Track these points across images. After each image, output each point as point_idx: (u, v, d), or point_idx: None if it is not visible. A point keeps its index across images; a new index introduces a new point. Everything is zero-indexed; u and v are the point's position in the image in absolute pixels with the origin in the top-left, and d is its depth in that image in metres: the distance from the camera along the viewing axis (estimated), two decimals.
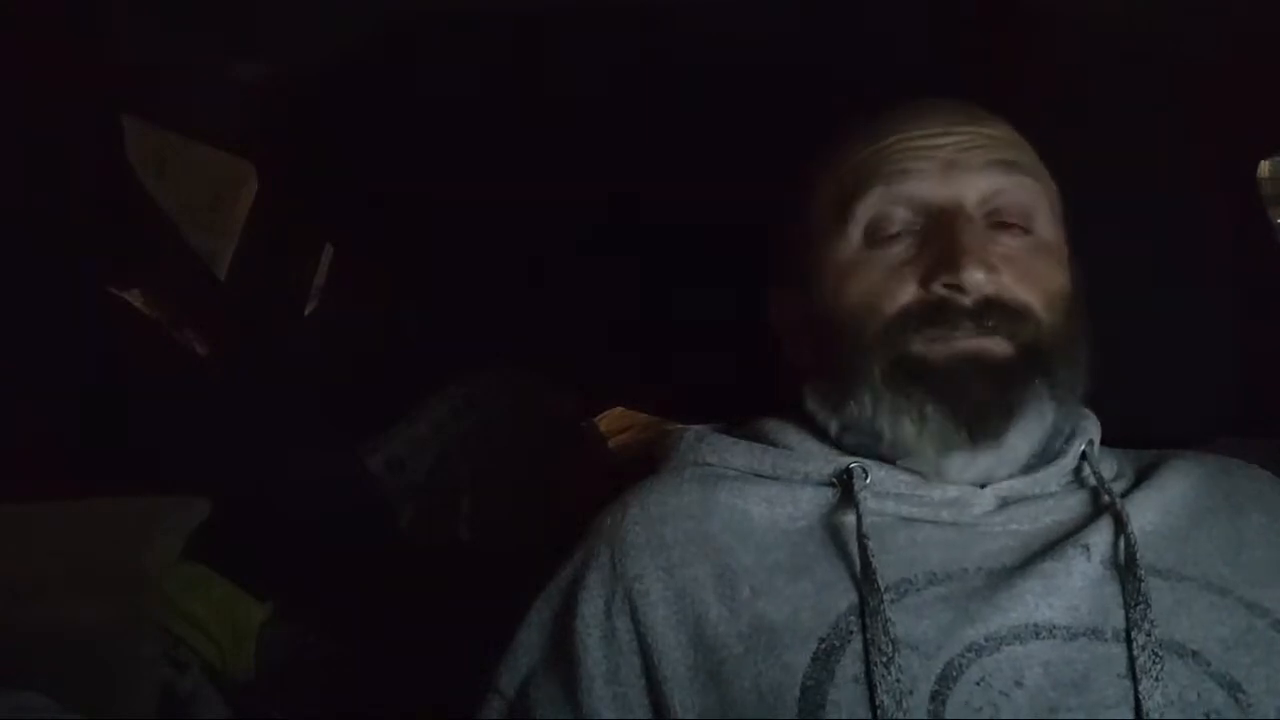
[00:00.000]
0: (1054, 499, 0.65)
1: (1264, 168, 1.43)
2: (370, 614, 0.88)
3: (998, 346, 0.63)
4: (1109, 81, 0.96)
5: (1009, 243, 0.66)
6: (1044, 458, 0.66)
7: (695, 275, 1.06)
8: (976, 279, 0.62)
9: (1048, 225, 0.68)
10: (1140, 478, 0.68)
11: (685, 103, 1.07)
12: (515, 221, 1.23)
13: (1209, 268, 0.81)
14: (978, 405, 0.63)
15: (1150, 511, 0.63)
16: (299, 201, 1.39)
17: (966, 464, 0.64)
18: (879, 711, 0.53)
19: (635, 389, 1.26)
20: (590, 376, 1.27)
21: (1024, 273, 0.65)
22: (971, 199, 0.66)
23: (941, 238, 0.64)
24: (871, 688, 0.54)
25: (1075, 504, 0.65)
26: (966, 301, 0.63)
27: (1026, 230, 0.67)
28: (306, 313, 1.51)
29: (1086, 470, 0.66)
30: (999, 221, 0.66)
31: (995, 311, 0.63)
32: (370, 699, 0.84)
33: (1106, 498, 0.64)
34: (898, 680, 0.54)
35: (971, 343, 0.63)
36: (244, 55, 1.10)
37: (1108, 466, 0.68)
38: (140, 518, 0.77)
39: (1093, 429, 0.69)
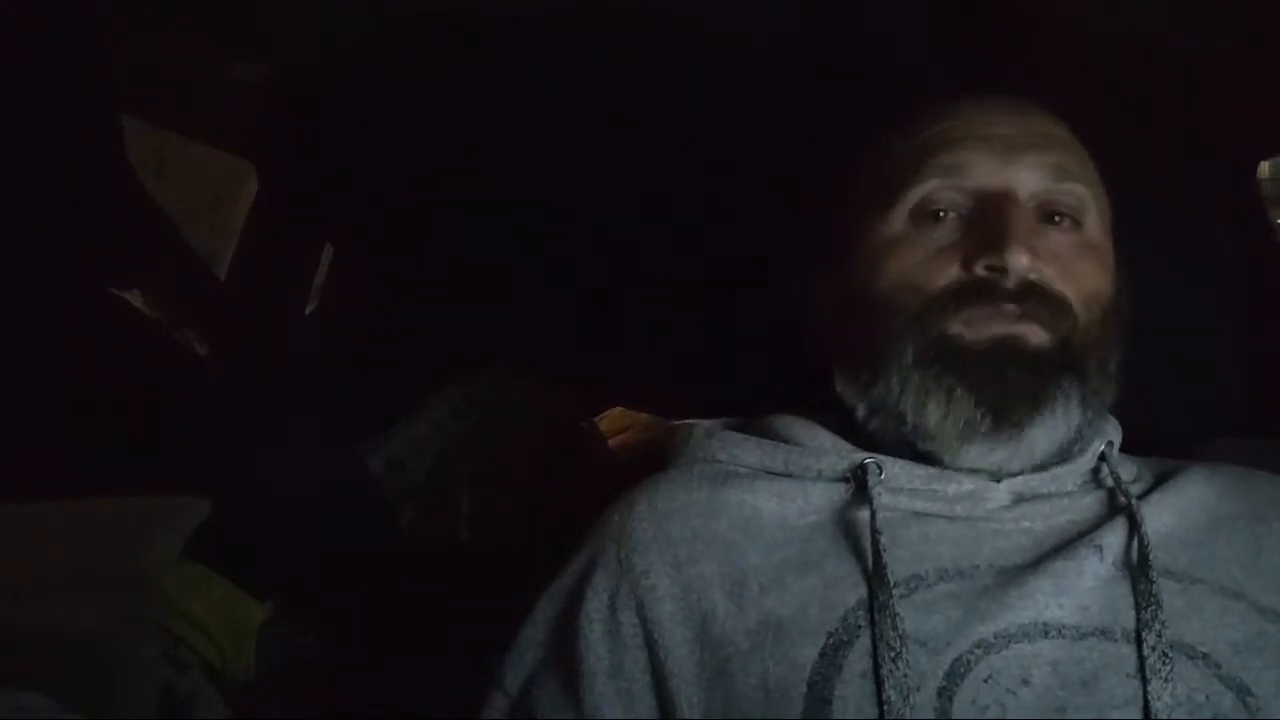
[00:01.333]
0: (1069, 498, 0.65)
1: (1264, 168, 1.43)
2: (370, 614, 0.88)
3: (1035, 335, 0.63)
4: (1109, 81, 0.96)
5: (1056, 238, 0.65)
6: (1061, 457, 0.66)
7: (696, 275, 1.06)
8: (1020, 262, 0.62)
9: (1095, 226, 0.68)
10: (1158, 482, 0.67)
11: (686, 103, 1.07)
12: (516, 221, 1.23)
13: (1209, 268, 0.81)
14: (1005, 391, 0.62)
15: (1167, 514, 0.63)
16: (299, 201, 1.39)
17: (984, 453, 0.64)
18: (886, 708, 0.53)
19: (635, 389, 1.26)
20: (590, 376, 1.27)
21: (1067, 269, 0.64)
22: (1024, 190, 0.66)
23: (989, 220, 0.64)
24: (879, 683, 0.54)
25: (1090, 504, 0.64)
26: (1008, 284, 0.63)
27: (1075, 227, 0.67)
28: (306, 313, 1.51)
29: (1104, 471, 0.66)
30: (1049, 215, 0.66)
31: (1035, 297, 0.63)
32: (370, 699, 0.84)
33: (1122, 498, 0.63)
34: (905, 676, 0.54)
35: (1010, 328, 0.63)
36: (244, 55, 1.10)
37: (1126, 470, 0.68)
38: (140, 518, 0.77)
39: (1113, 431, 0.69)
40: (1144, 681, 0.53)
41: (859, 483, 0.64)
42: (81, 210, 0.94)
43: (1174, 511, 0.64)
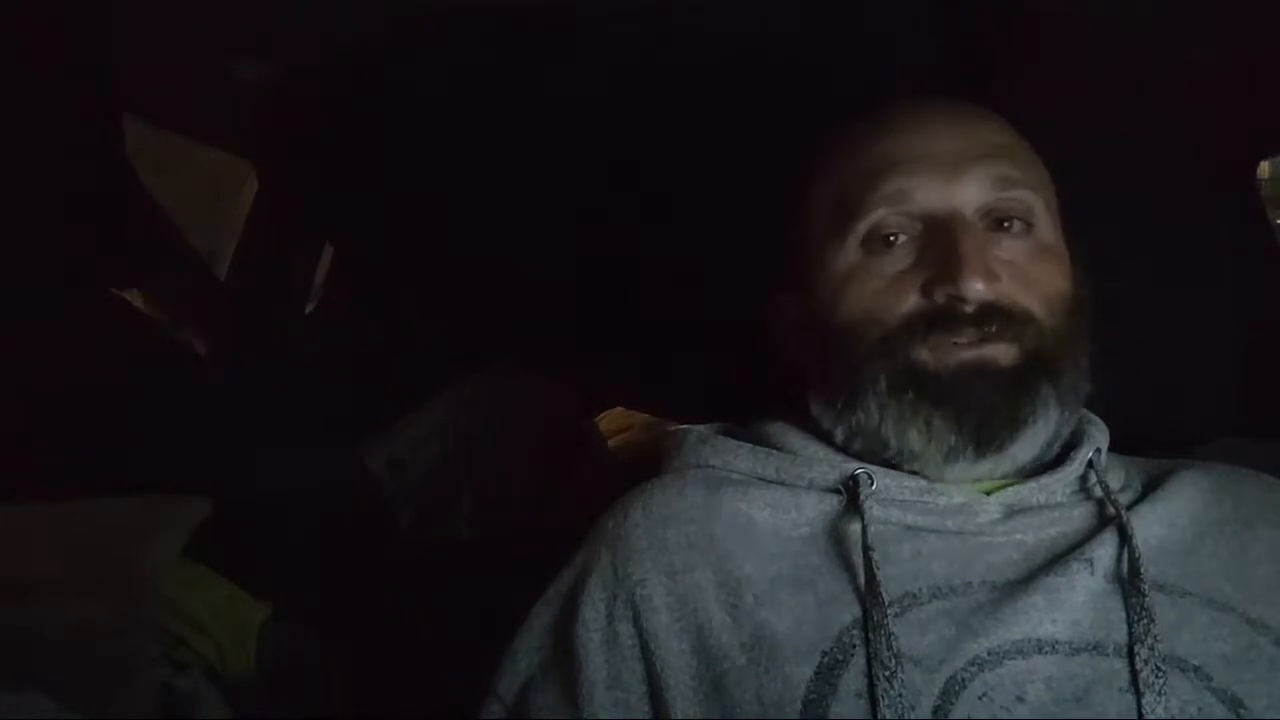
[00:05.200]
0: (1059, 510, 0.65)
1: (1264, 168, 1.43)
2: (370, 614, 0.88)
3: (1003, 355, 0.63)
4: (1109, 82, 0.96)
5: (1010, 246, 0.66)
6: (1047, 463, 0.66)
7: (696, 275, 1.06)
8: (976, 289, 0.62)
9: (1047, 226, 0.68)
10: (1147, 489, 0.67)
11: (686, 102, 1.07)
12: (515, 221, 1.23)
13: (1209, 268, 0.81)
14: (983, 415, 0.63)
15: (1156, 524, 0.63)
16: (299, 201, 1.39)
17: (968, 469, 0.65)
18: None
19: (635, 389, 1.26)
20: (590, 376, 1.27)
21: (1025, 277, 0.65)
22: (970, 206, 0.66)
23: (941, 247, 0.64)
24: (874, 702, 0.54)
25: (1080, 515, 0.64)
26: (968, 309, 0.63)
27: (1027, 232, 0.67)
28: (306, 312, 1.51)
29: (1093, 479, 0.66)
30: (999, 223, 0.66)
31: (997, 317, 0.63)
32: (370, 699, 0.84)
33: (1112, 510, 0.63)
34: (900, 695, 0.54)
35: (975, 352, 0.63)
36: (244, 55, 1.10)
37: (1115, 476, 0.68)
38: (140, 518, 0.77)
39: (1100, 437, 0.69)
40: (1138, 696, 0.54)
41: (850, 494, 0.64)
42: (82, 210, 0.94)
43: (1164, 522, 0.64)
